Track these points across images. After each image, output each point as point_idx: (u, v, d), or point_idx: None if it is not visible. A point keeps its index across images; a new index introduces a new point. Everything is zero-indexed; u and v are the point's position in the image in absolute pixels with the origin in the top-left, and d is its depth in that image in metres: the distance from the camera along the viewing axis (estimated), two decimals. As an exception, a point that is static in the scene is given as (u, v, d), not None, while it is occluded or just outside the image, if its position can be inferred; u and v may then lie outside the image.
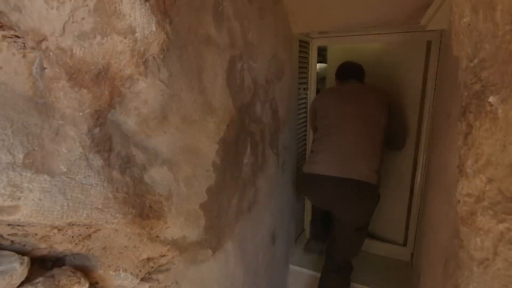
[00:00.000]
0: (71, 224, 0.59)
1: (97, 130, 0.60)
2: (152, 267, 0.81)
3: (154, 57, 0.70)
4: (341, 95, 1.54)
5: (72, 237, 0.63)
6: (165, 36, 0.71)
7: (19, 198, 0.49)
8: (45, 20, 0.50)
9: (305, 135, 2.08)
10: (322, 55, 3.74)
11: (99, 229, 0.66)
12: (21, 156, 0.49)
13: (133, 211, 0.70)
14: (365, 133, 1.37)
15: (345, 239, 1.49)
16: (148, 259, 0.80)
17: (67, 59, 0.54)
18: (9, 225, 0.54)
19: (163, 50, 0.72)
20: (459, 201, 0.55)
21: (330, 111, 1.50)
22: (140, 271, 0.79)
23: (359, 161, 1.33)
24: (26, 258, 0.55)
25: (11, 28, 0.47)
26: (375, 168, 1.34)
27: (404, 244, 1.97)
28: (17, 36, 0.48)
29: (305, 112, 2.02)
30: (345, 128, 1.40)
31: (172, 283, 0.87)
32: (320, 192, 1.43)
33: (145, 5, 0.64)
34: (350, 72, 1.65)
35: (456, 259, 0.60)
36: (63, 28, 0.52)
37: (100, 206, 0.62)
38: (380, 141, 1.39)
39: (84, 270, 0.68)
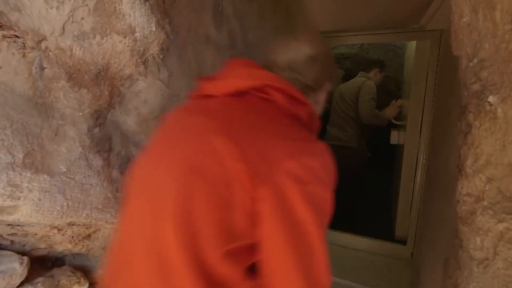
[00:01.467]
0: (70, 224, 0.59)
1: (97, 130, 0.60)
2: (152, 267, 0.81)
3: (154, 57, 0.70)
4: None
5: (72, 237, 0.63)
6: (165, 36, 0.71)
7: (19, 198, 0.49)
8: (44, 20, 0.50)
9: (305, 135, 2.08)
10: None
11: (99, 229, 0.66)
12: (21, 156, 0.49)
13: (133, 211, 0.70)
14: (345, 114, 2.24)
15: None
16: (148, 259, 0.80)
17: (66, 59, 0.54)
18: (9, 225, 0.54)
19: (163, 50, 0.72)
20: (458, 201, 0.55)
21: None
22: (140, 271, 0.79)
23: (339, 130, 2.28)
24: (26, 258, 0.55)
25: (10, 28, 0.47)
26: (347, 134, 2.22)
27: (404, 244, 1.97)
28: (16, 36, 0.48)
29: (305, 112, 2.04)
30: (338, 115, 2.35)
31: (172, 283, 0.87)
32: None
33: (145, 5, 0.64)
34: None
35: (456, 258, 0.60)
36: (63, 28, 0.52)
37: (100, 206, 0.62)
38: (352, 116, 2.21)
39: (84, 270, 0.68)
